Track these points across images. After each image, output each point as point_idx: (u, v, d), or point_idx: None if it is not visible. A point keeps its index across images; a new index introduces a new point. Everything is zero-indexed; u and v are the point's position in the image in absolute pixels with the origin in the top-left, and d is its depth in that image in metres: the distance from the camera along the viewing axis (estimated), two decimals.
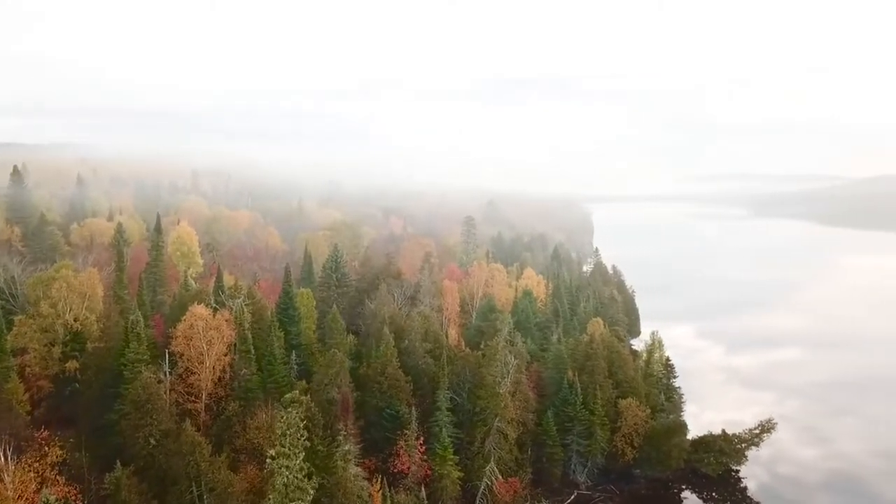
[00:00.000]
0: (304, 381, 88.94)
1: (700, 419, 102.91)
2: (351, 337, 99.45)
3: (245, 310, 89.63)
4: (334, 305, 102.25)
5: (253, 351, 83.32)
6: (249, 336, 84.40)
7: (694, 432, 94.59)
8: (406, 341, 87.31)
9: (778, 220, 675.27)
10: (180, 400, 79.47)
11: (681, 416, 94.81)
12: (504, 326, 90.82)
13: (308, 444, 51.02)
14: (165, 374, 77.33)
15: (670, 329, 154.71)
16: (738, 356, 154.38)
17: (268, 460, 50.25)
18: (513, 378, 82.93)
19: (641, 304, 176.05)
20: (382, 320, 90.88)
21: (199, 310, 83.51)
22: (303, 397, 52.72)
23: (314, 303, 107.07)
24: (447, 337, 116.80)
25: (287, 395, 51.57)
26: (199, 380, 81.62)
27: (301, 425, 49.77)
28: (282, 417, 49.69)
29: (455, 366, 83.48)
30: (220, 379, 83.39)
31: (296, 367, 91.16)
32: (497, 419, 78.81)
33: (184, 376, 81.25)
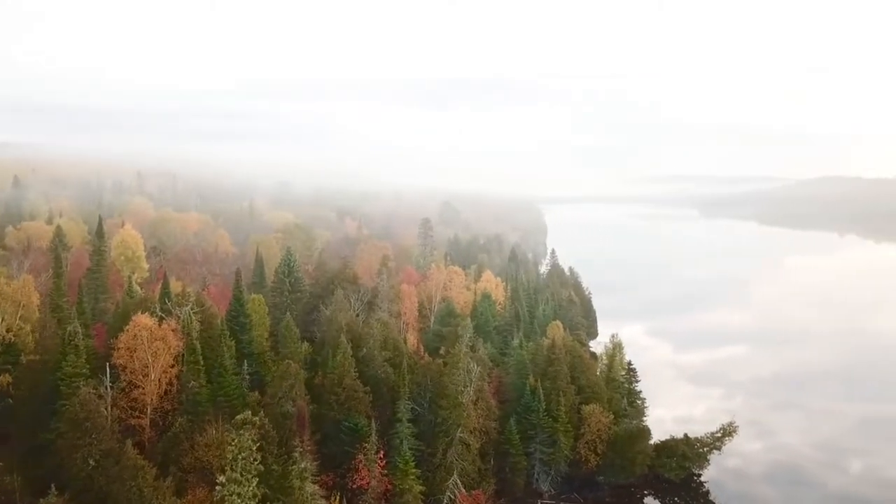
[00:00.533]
0: (256, 393, 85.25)
1: (650, 416, 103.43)
2: (305, 345, 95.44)
3: (193, 318, 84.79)
4: (288, 312, 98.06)
5: (202, 362, 78.55)
6: (198, 346, 79.65)
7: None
8: (364, 350, 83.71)
9: (725, 220, 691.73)
10: (123, 416, 74.43)
11: (644, 420, 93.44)
12: (465, 332, 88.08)
13: (261, 467, 47.15)
14: (107, 389, 72.12)
15: (622, 327, 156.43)
16: (687, 353, 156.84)
17: (217, 487, 46.25)
18: (475, 386, 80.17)
19: (594, 303, 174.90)
20: (339, 328, 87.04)
21: (144, 319, 78.53)
22: (255, 418, 48.71)
23: (266, 309, 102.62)
24: (406, 343, 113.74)
25: (239, 417, 47.58)
26: (144, 394, 76.71)
27: (254, 448, 45.92)
28: (233, 440, 45.76)
29: (416, 375, 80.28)
30: (166, 392, 78.59)
31: (248, 377, 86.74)
32: (459, 430, 75.94)
33: (127, 390, 76.18)
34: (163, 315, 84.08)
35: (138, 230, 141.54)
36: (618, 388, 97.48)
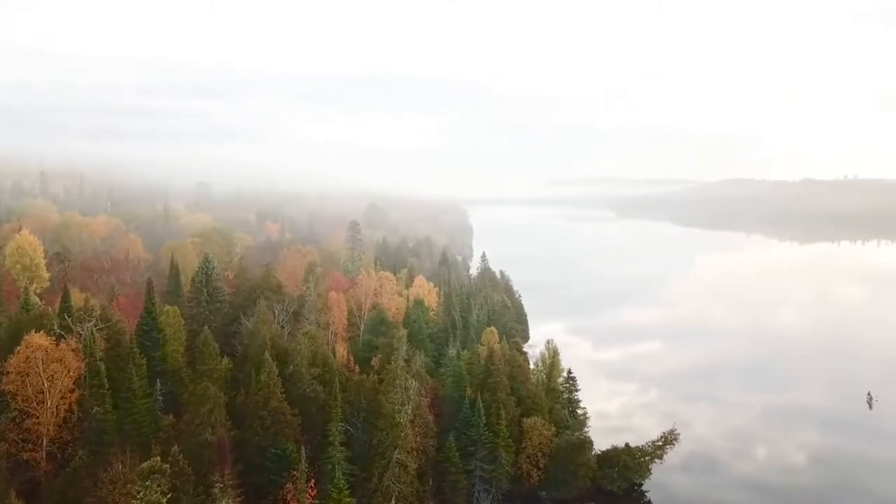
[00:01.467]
0: (171, 416, 76.68)
1: None
2: (226, 360, 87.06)
3: (97, 335, 75.52)
4: (206, 325, 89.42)
5: (107, 385, 69.73)
6: (102, 367, 70.65)
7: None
8: (291, 367, 76.40)
9: (640, 221, 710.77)
10: (13, 450, 64.78)
11: (586, 431, 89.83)
12: (400, 345, 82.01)
13: None
14: None
15: (543, 326, 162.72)
16: (605, 350, 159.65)
17: None
18: (413, 403, 74.31)
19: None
20: (262, 343, 79.33)
21: (38, 339, 68.89)
22: (165, 465, 41.33)
23: (182, 322, 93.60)
24: (335, 354, 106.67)
25: (145, 465, 40.26)
26: (39, 424, 67.14)
27: (163, 502, 38.65)
28: (138, 493, 38.36)
29: (348, 393, 73.80)
30: (65, 421, 69.15)
31: (161, 398, 78.15)
32: (397, 451, 69.94)
33: (18, 420, 66.57)
34: (62, 332, 74.46)
35: (39, 235, 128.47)
36: (558, 398, 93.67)
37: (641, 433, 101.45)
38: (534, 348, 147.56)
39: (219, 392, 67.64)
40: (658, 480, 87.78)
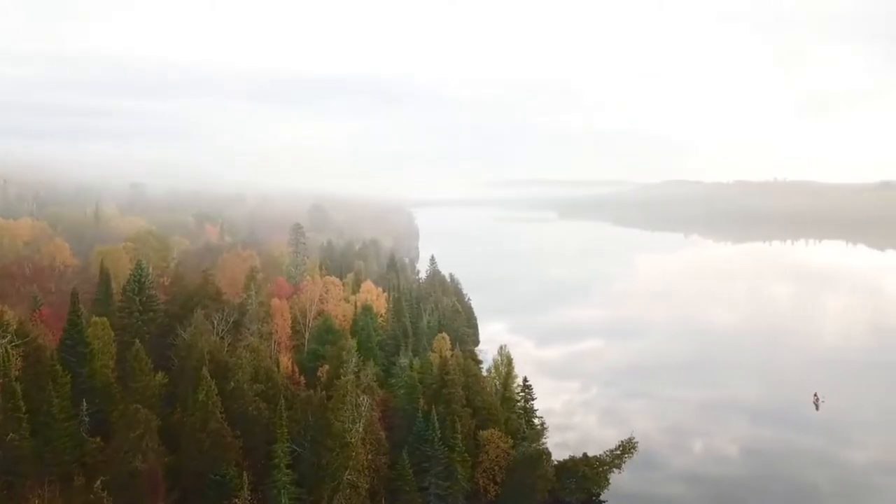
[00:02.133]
0: (99, 439, 69.74)
1: None
2: (160, 375, 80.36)
3: (11, 352, 68.06)
4: (137, 338, 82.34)
5: (23, 408, 62.58)
6: (18, 388, 63.44)
7: None
8: (232, 383, 70.46)
9: (580, 222, 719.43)
10: None
11: (544, 441, 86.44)
12: (350, 358, 77.01)
13: None
14: None
15: (486, 326, 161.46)
16: (547, 348, 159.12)
17: None
18: (365, 420, 69.39)
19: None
20: (200, 357, 73.05)
21: None
22: None
23: (112, 334, 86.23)
24: (279, 366, 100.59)
25: None
26: None
27: None
28: None
29: (294, 410, 68.34)
30: None
31: (87, 419, 71.15)
32: (347, 472, 64.95)
33: None
34: None
35: None
36: (514, 408, 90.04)
37: (583, 430, 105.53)
38: (484, 352, 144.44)
39: (150, 415, 61.30)
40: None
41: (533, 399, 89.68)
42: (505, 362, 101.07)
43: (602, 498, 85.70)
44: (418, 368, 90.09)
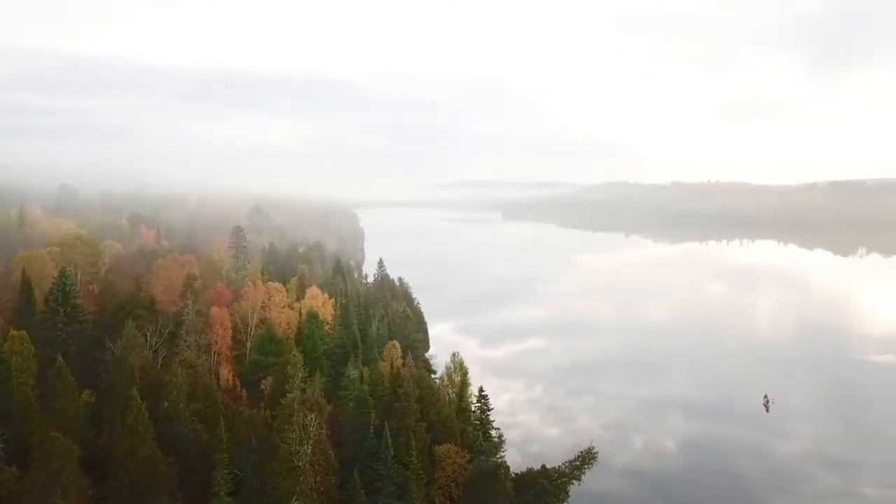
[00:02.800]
0: (14, 467, 62.37)
1: None
2: (87, 393, 73.13)
3: None
4: (60, 355, 74.71)
5: None
6: None
7: None
8: (166, 403, 64.09)
9: (525, 223, 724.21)
10: None
11: (502, 454, 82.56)
12: (296, 372, 71.45)
13: None
14: None
15: (433, 327, 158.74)
16: (491, 348, 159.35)
17: None
18: (313, 439, 64.06)
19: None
20: (130, 374, 66.41)
21: None
22: None
23: (33, 349, 78.16)
24: (219, 379, 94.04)
25: None
26: None
27: None
28: None
29: (236, 431, 62.51)
30: None
31: (2, 444, 63.63)
32: (294, 497, 59.57)
33: None
34: None
35: None
36: (470, 420, 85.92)
37: (527, 428, 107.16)
38: (435, 357, 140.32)
39: (71, 444, 54.54)
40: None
41: (489, 409, 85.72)
42: (458, 369, 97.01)
43: None
44: (368, 380, 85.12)
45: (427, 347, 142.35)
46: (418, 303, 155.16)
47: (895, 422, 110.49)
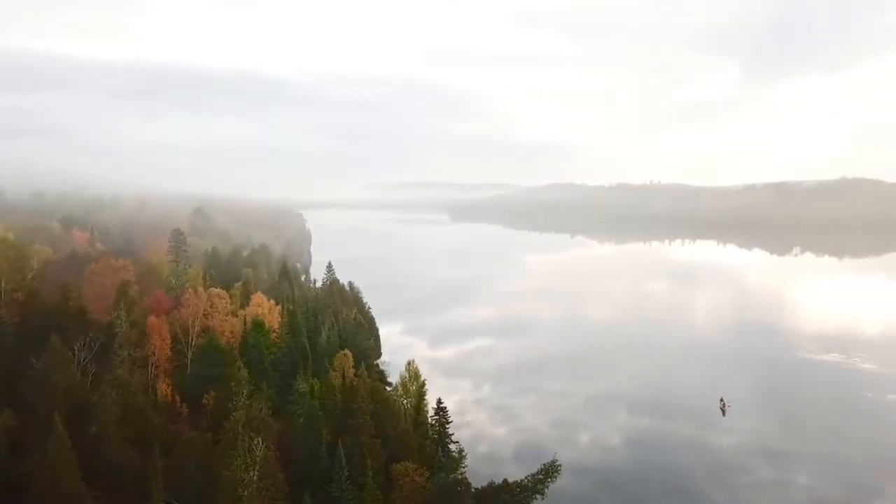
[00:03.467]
0: None
1: None
2: (6, 415, 65.63)
3: None
4: None
5: None
6: None
7: None
8: (94, 427, 57.49)
9: (472, 224, 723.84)
10: None
11: (462, 469, 78.12)
12: (240, 388, 65.50)
13: None
14: None
15: (382, 328, 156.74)
16: (440, 348, 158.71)
17: None
18: (260, 463, 58.42)
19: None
20: (54, 395, 59.48)
21: None
22: None
23: None
24: (157, 394, 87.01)
25: None
26: None
27: None
28: None
29: (174, 458, 56.44)
30: None
31: None
32: None
33: None
34: None
35: None
36: (428, 434, 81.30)
37: (476, 426, 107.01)
38: (387, 363, 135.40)
39: None
40: (493, 474, 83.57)
41: (448, 422, 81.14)
42: (414, 378, 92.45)
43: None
44: (319, 393, 79.71)
45: (379, 354, 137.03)
46: (369, 307, 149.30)
47: (826, 414, 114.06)
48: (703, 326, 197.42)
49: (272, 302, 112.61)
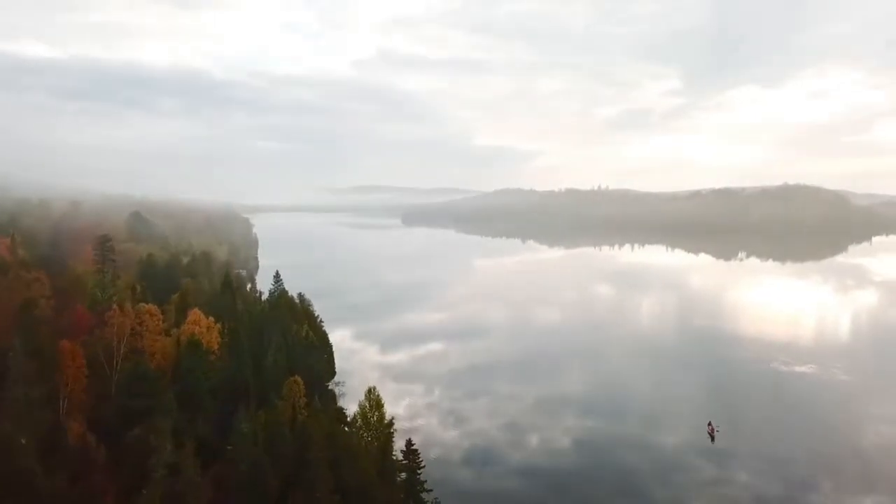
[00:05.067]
0: None
1: None
2: None
3: None
4: None
5: None
6: None
7: None
8: None
9: (424, 228, 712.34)
10: None
11: None
12: (164, 442, 51.57)
13: None
14: None
15: (331, 333, 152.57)
16: (391, 353, 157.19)
17: None
18: None
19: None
20: None
21: None
22: None
23: None
24: (67, 436, 71.65)
25: None
26: None
27: None
28: None
29: None
30: None
31: None
32: None
33: None
34: None
35: None
36: (395, 481, 68.52)
37: (427, 430, 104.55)
38: (342, 385, 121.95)
39: None
40: (444, 477, 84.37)
41: (421, 467, 68.49)
42: (375, 408, 79.56)
43: (438, 496, 72.50)
44: (265, 431, 66.10)
45: (333, 374, 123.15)
46: (321, 320, 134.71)
47: (769, 413, 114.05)
48: (651, 329, 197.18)
49: (211, 319, 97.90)
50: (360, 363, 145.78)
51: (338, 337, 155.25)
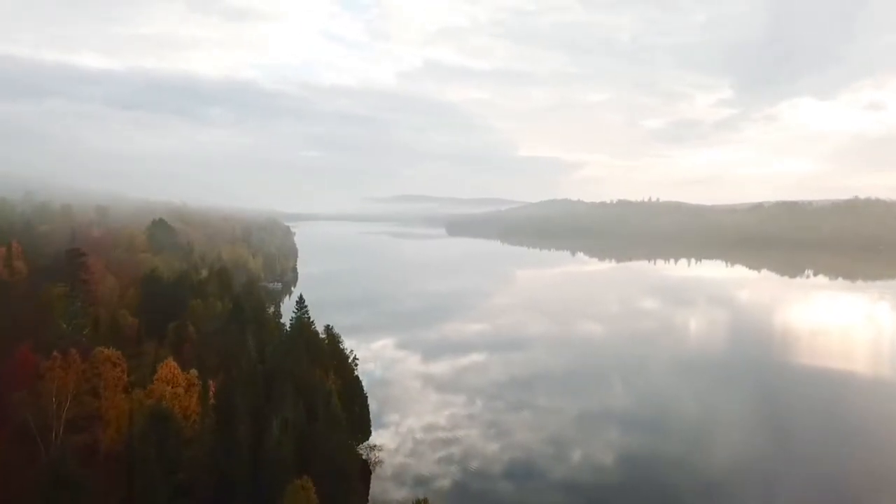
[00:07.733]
0: None
1: (401, 427, 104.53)
2: None
3: None
4: None
5: None
6: None
7: (397, 441, 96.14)
8: None
9: (469, 238, 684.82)
10: None
11: None
12: None
13: None
14: None
15: (373, 342, 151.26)
16: (433, 363, 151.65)
17: None
18: None
19: (346, 320, 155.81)
20: None
21: None
22: None
23: None
24: None
25: None
26: None
27: None
28: None
29: None
30: None
31: None
32: None
33: None
34: None
35: None
36: None
37: (468, 442, 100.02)
38: (379, 451, 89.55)
39: None
40: (483, 489, 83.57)
41: None
42: None
43: None
44: None
45: (366, 434, 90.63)
46: (354, 361, 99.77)
47: (825, 438, 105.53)
48: (704, 347, 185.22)
49: (193, 373, 67.27)
50: (401, 372, 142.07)
51: (378, 346, 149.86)
